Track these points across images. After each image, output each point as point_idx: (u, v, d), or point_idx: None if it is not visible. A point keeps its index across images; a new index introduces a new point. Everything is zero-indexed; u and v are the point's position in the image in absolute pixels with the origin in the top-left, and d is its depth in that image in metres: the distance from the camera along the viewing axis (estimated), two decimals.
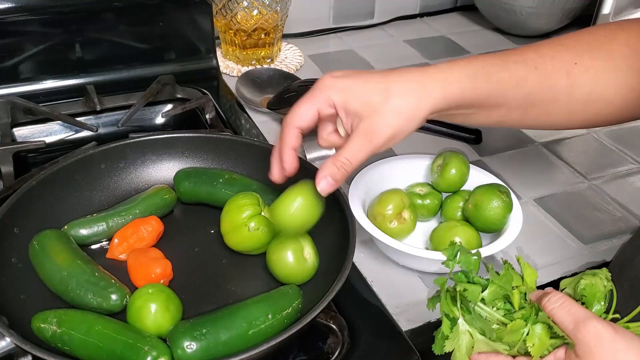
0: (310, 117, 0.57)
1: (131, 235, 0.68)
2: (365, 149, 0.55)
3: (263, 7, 1.07)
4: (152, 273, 0.64)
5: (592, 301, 0.52)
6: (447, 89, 0.55)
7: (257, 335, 0.56)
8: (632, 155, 0.95)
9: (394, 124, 0.54)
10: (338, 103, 0.55)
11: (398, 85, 0.54)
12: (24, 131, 0.90)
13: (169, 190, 0.75)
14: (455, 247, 0.55)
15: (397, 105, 0.54)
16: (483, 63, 0.57)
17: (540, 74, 0.57)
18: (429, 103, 0.55)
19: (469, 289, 0.52)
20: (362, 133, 0.54)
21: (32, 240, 0.64)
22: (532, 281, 0.55)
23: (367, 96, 0.54)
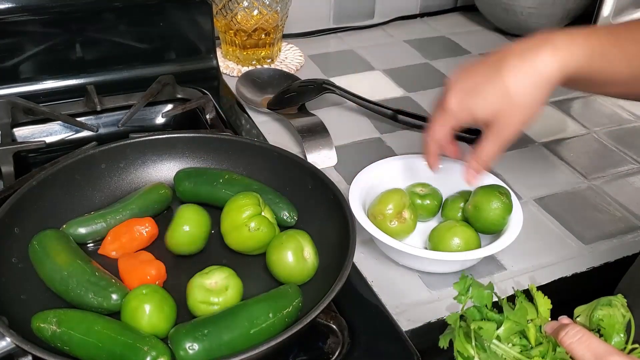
0: (445, 134, 0.66)
1: (124, 235, 0.69)
2: (499, 144, 0.62)
3: (263, 7, 1.07)
4: (147, 275, 0.64)
5: (611, 333, 0.50)
6: (565, 69, 0.58)
7: (258, 334, 0.56)
8: (632, 156, 0.95)
9: (522, 116, 0.60)
10: (469, 119, 0.63)
11: (515, 80, 0.59)
12: (24, 131, 0.90)
13: (165, 186, 0.75)
14: (467, 281, 0.53)
15: (520, 101, 0.59)
16: (599, 41, 0.59)
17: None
18: (548, 86, 0.59)
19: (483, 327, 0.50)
20: (495, 132, 0.62)
21: (32, 240, 0.64)
22: (546, 311, 0.54)
23: (491, 106, 0.60)
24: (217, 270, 0.62)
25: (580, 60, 0.58)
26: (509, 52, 0.61)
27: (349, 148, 0.93)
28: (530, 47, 0.59)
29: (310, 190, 0.72)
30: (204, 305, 0.60)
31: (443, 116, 0.64)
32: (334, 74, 1.12)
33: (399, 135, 0.97)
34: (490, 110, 0.61)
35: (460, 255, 0.68)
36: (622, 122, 1.04)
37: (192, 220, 0.68)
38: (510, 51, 0.61)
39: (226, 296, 0.60)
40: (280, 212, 0.71)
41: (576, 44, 0.58)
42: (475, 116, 0.62)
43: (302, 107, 0.97)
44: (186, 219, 0.68)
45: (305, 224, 0.71)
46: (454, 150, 0.70)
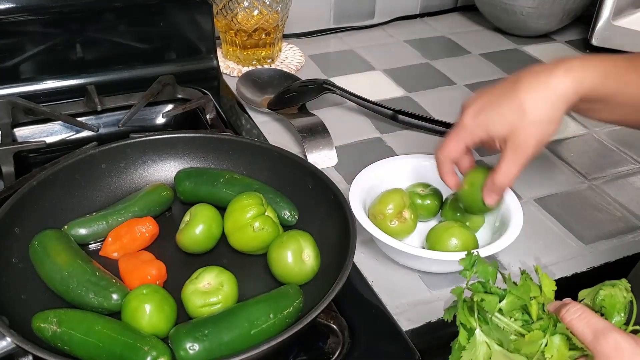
0: (460, 152, 0.66)
1: (125, 235, 0.69)
2: (517, 163, 0.62)
3: (264, 7, 1.07)
4: (147, 275, 0.64)
5: (612, 312, 0.51)
6: (580, 87, 0.59)
7: (259, 335, 0.56)
8: (632, 156, 0.95)
9: (538, 133, 0.60)
10: (484, 136, 0.63)
11: (530, 96, 0.59)
12: (24, 131, 0.90)
13: (166, 187, 0.75)
14: (473, 257, 0.54)
15: (534, 117, 0.59)
16: (614, 63, 0.60)
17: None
18: (564, 104, 0.59)
19: (486, 299, 0.51)
20: (511, 150, 0.61)
21: (33, 240, 0.65)
22: (550, 292, 0.54)
23: (506, 122, 0.60)
24: (205, 272, 0.62)
25: (594, 80, 0.59)
26: (525, 72, 0.61)
27: (349, 148, 0.93)
28: (545, 67, 0.60)
29: (311, 190, 0.72)
30: (205, 309, 0.60)
31: (457, 133, 0.64)
32: (334, 74, 1.12)
33: (399, 135, 0.97)
34: (505, 126, 0.61)
35: (460, 255, 0.68)
36: None
37: (208, 219, 0.68)
38: (526, 72, 0.61)
39: (224, 293, 0.60)
40: (281, 211, 0.71)
41: (591, 65, 0.59)
42: (490, 131, 0.62)
43: (303, 107, 0.97)
44: (202, 218, 0.68)
45: (305, 223, 0.71)
46: (469, 162, 0.69)
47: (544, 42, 1.30)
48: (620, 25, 1.19)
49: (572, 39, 1.31)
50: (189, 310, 0.60)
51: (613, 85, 0.60)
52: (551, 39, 1.32)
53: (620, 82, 0.60)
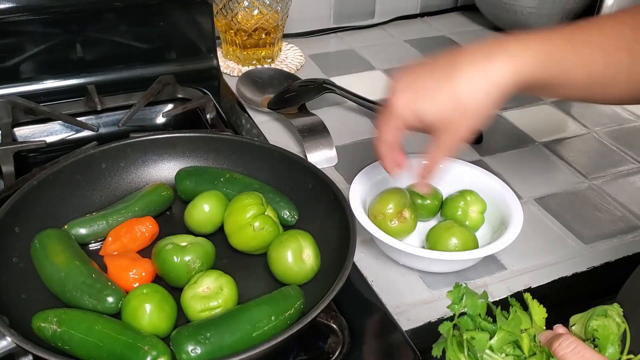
0: (394, 137, 0.64)
1: (125, 235, 0.68)
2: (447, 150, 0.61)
3: (264, 7, 1.07)
4: (142, 272, 0.64)
5: (606, 344, 0.50)
6: (518, 77, 0.57)
7: (260, 337, 0.56)
8: (632, 155, 0.95)
9: (470, 123, 0.59)
10: (416, 122, 0.61)
11: (466, 86, 0.57)
12: (24, 131, 0.90)
13: (167, 187, 0.75)
14: (461, 290, 0.53)
15: (471, 109, 0.58)
16: (554, 46, 0.58)
17: (604, 54, 0.58)
18: (500, 94, 0.57)
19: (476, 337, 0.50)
20: (443, 138, 0.60)
21: (34, 239, 0.65)
22: (541, 320, 0.53)
23: (440, 111, 0.58)
24: (204, 276, 0.62)
25: (534, 68, 0.57)
26: (461, 57, 0.59)
27: (349, 148, 0.93)
28: (484, 53, 0.58)
29: (311, 190, 0.72)
30: (205, 313, 0.59)
31: (389, 120, 0.62)
32: (334, 74, 1.12)
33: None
34: (439, 115, 0.59)
35: (460, 255, 0.68)
36: (623, 122, 1.04)
37: (212, 201, 0.70)
38: (462, 56, 0.59)
39: (224, 296, 0.60)
40: (281, 211, 0.71)
41: (530, 50, 0.57)
42: (424, 120, 0.60)
43: (303, 107, 0.97)
44: (206, 199, 0.70)
45: (305, 223, 0.71)
46: (399, 159, 0.66)
47: None
48: None
49: None
50: (188, 315, 0.60)
51: (553, 69, 0.58)
52: None
53: (559, 66, 0.58)
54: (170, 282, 0.64)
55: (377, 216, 0.72)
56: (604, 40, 0.59)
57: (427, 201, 0.76)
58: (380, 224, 0.71)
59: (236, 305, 0.61)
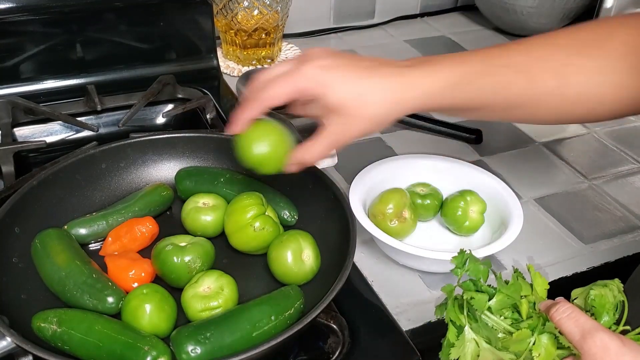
0: (283, 100, 0.57)
1: (125, 235, 0.69)
2: (329, 147, 0.58)
3: (264, 7, 1.07)
4: (141, 272, 0.64)
5: (601, 312, 0.51)
6: (425, 98, 0.56)
7: (260, 337, 0.56)
8: (632, 155, 0.95)
9: (363, 128, 0.57)
10: (316, 95, 0.56)
11: (375, 91, 0.55)
12: (24, 131, 0.90)
13: (167, 187, 0.75)
14: (464, 255, 0.54)
15: (369, 113, 0.56)
16: (466, 70, 0.56)
17: (526, 78, 0.57)
18: (402, 111, 0.57)
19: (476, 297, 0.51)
20: (330, 132, 0.57)
21: (35, 238, 0.65)
22: (543, 291, 0.54)
23: (343, 98, 0.55)
24: (205, 276, 0.62)
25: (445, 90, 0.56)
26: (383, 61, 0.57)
27: (349, 148, 0.91)
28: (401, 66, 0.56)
29: (311, 190, 0.72)
30: (205, 313, 0.59)
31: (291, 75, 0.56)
32: None
33: (399, 135, 0.97)
34: (341, 105, 0.55)
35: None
36: (623, 122, 1.04)
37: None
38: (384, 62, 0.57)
39: (225, 296, 0.60)
40: (280, 211, 0.71)
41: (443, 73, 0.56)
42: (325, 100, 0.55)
43: None
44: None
45: (305, 223, 0.71)
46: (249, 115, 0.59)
47: None
48: None
49: None
50: (189, 314, 0.60)
51: (464, 94, 0.57)
52: None
53: (472, 90, 0.56)
54: (171, 283, 0.64)
55: (377, 216, 0.72)
56: (527, 64, 0.57)
57: (427, 201, 0.76)
58: (380, 224, 0.71)
59: (236, 305, 0.61)
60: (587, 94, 0.57)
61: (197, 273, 0.63)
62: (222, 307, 0.60)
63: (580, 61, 0.57)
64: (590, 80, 0.57)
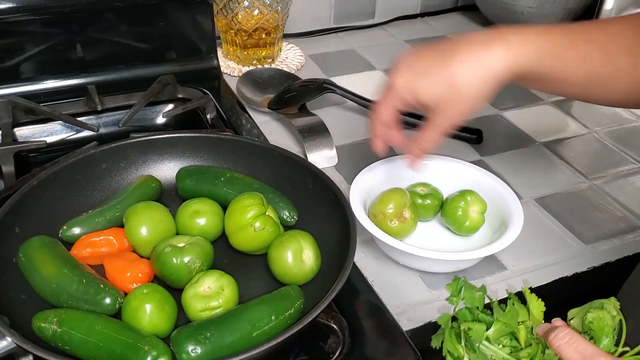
0: (390, 115, 0.66)
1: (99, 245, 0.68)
2: (440, 132, 0.63)
3: (264, 7, 1.07)
4: (138, 273, 0.64)
5: (600, 336, 0.51)
6: (514, 66, 0.58)
7: (261, 337, 0.56)
8: (632, 155, 0.95)
9: (466, 108, 0.61)
10: (412, 101, 0.63)
11: (462, 71, 0.58)
12: (25, 131, 0.90)
13: (154, 178, 0.75)
14: (460, 283, 0.54)
15: (465, 92, 0.59)
16: (553, 40, 0.58)
17: (604, 53, 0.59)
18: (495, 81, 0.59)
19: (473, 327, 0.51)
20: (437, 119, 0.62)
21: (18, 252, 0.63)
22: (539, 314, 0.54)
23: (437, 92, 0.60)
24: (205, 276, 0.62)
25: (531, 58, 0.58)
26: (462, 42, 0.60)
27: (350, 148, 0.93)
28: (483, 40, 0.59)
29: (311, 190, 0.72)
30: (205, 313, 0.59)
31: (387, 96, 0.64)
32: (334, 74, 1.12)
33: None
34: (435, 96, 0.60)
35: (460, 255, 0.68)
36: (623, 122, 1.04)
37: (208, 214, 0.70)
38: (463, 42, 0.60)
39: (225, 296, 0.60)
40: (280, 211, 0.71)
41: (528, 41, 0.58)
42: (419, 99, 0.61)
43: (303, 107, 0.97)
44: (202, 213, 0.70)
45: (305, 223, 0.71)
46: (398, 137, 0.68)
47: None
48: None
49: None
50: (189, 314, 0.60)
51: (549, 63, 0.58)
52: None
53: (557, 60, 0.58)
54: (171, 284, 0.64)
55: (377, 216, 0.72)
56: (605, 40, 0.59)
57: (427, 201, 0.76)
58: (380, 224, 0.71)
59: (237, 305, 0.61)
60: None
61: (197, 273, 0.63)
62: (222, 307, 0.60)
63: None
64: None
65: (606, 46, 0.59)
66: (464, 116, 0.61)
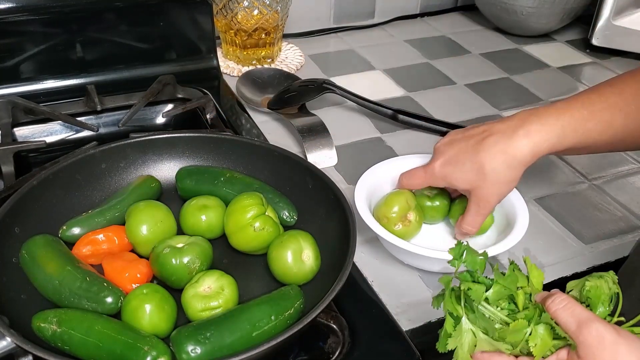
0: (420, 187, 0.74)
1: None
2: (480, 215, 0.69)
3: (263, 7, 1.07)
4: (137, 273, 0.64)
5: (597, 303, 0.52)
6: (537, 151, 0.64)
7: (260, 336, 0.56)
8: (632, 155, 0.95)
9: (497, 192, 0.67)
10: (447, 186, 0.71)
11: (489, 161, 0.65)
12: (24, 131, 0.90)
13: (154, 178, 0.75)
14: (462, 247, 0.55)
15: (493, 179, 0.66)
16: (572, 117, 0.64)
17: (624, 116, 0.63)
18: (520, 166, 0.65)
19: (473, 288, 0.52)
20: (475, 203, 0.68)
21: (22, 249, 0.63)
22: (539, 282, 0.55)
23: (467, 179, 0.67)
24: (205, 275, 0.62)
25: (552, 142, 0.63)
26: (490, 129, 0.66)
27: (349, 148, 0.93)
28: (506, 130, 0.65)
29: (311, 190, 0.72)
30: (205, 313, 0.59)
31: (425, 174, 0.71)
32: (334, 74, 1.12)
33: (399, 135, 0.97)
34: (467, 183, 0.67)
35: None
36: None
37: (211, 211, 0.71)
38: (491, 129, 0.66)
39: (225, 296, 0.60)
40: (280, 211, 0.71)
41: (548, 126, 0.63)
42: (452, 184, 0.69)
43: (303, 107, 0.97)
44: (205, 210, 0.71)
45: (305, 223, 0.71)
46: None
47: (544, 42, 1.30)
48: (621, 25, 1.19)
49: (572, 39, 1.31)
50: (188, 314, 0.60)
51: (571, 140, 0.64)
52: (551, 38, 1.32)
53: (579, 134, 0.63)
54: (172, 285, 0.64)
55: (382, 220, 0.71)
56: (623, 104, 0.63)
57: (435, 203, 0.75)
58: (384, 227, 0.70)
59: (237, 305, 0.61)
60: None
61: (197, 273, 0.63)
62: (222, 307, 0.60)
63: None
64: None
65: (624, 109, 0.63)
66: (497, 198, 0.67)
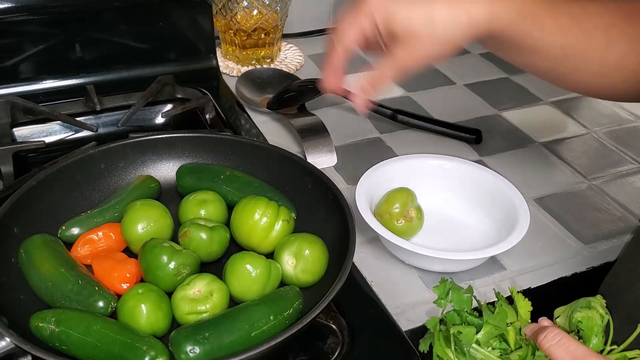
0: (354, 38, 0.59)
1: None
2: (395, 70, 0.58)
3: (263, 7, 1.07)
4: (126, 273, 0.63)
5: (590, 335, 0.51)
6: (495, 19, 0.56)
7: (259, 337, 0.56)
8: (632, 155, 0.95)
9: (432, 50, 0.57)
10: (381, 24, 0.57)
11: (444, 13, 0.56)
12: (23, 131, 0.90)
13: (153, 179, 0.75)
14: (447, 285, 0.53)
15: (438, 33, 0.56)
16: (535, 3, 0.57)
17: (580, 28, 0.58)
18: (470, 32, 0.57)
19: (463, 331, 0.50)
20: (398, 55, 0.58)
21: (20, 247, 0.63)
22: (526, 313, 0.54)
23: (410, 24, 0.56)
24: (198, 279, 0.61)
25: (511, 15, 0.56)
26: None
27: (349, 148, 0.93)
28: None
29: (311, 190, 0.72)
30: (192, 316, 0.59)
31: (357, 12, 0.58)
32: None
33: (399, 135, 0.97)
34: (408, 28, 0.56)
35: (465, 255, 0.68)
36: (622, 122, 1.04)
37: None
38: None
39: (213, 302, 0.60)
40: None
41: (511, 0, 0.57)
42: (391, 26, 0.57)
43: (302, 107, 0.97)
44: None
45: (305, 223, 0.71)
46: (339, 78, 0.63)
47: None
48: None
49: None
50: (176, 315, 0.60)
51: (528, 27, 0.57)
52: None
53: (536, 25, 0.57)
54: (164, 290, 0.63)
55: (384, 216, 0.72)
56: (583, 16, 0.58)
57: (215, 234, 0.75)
58: (386, 223, 0.71)
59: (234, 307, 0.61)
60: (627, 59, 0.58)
61: (187, 277, 0.62)
62: (209, 313, 0.59)
63: (625, 25, 0.58)
64: (630, 48, 0.58)
65: (583, 22, 0.58)
66: (428, 59, 0.58)
